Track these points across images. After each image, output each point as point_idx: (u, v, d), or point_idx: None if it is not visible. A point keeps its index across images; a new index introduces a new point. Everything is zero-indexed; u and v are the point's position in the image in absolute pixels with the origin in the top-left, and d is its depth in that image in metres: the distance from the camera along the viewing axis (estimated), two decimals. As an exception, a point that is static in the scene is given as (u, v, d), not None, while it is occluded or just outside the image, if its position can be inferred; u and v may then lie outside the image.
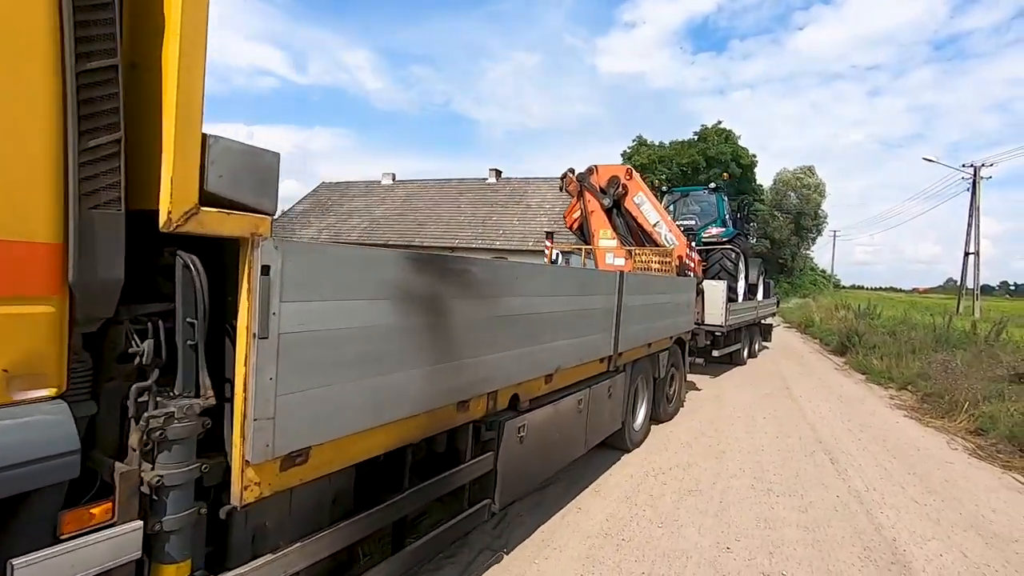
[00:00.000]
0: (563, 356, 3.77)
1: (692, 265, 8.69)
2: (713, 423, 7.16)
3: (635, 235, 9.72)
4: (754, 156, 43.58)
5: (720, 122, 44.44)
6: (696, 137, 44.28)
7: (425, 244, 23.19)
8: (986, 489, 5.21)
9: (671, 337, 6.55)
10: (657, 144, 44.95)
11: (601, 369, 4.64)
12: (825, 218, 53.27)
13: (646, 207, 9.54)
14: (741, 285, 12.07)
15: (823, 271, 60.86)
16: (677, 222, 11.73)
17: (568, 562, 3.53)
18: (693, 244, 8.59)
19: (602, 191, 9.83)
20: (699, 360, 9.15)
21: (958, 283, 32.56)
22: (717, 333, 9.65)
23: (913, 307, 26.24)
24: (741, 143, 43.28)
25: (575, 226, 10.54)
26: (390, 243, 23.03)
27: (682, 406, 7.62)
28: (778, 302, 19.52)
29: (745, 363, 12.27)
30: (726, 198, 13.18)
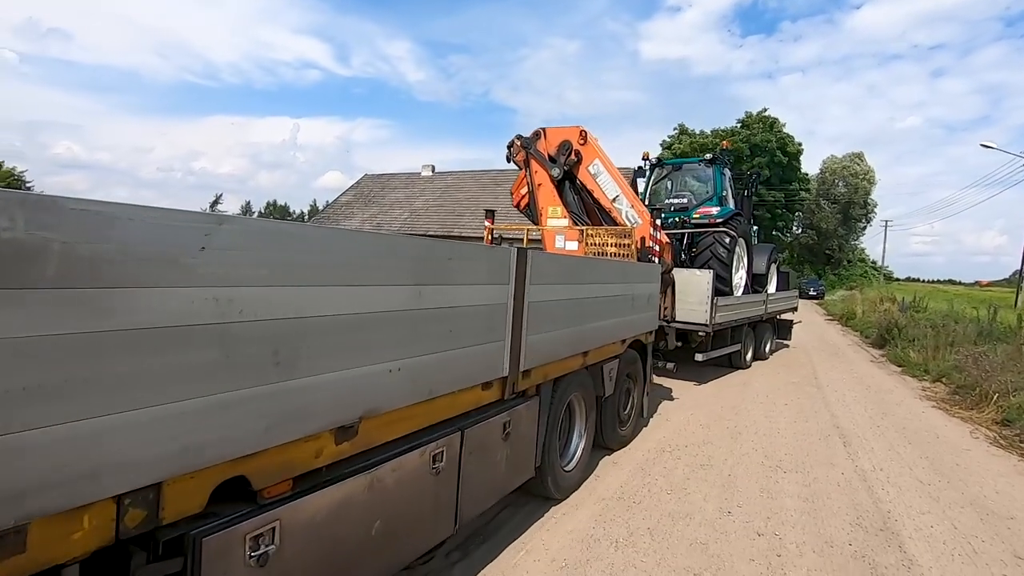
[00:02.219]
0: (381, 391, 2.19)
1: (657, 249, 6.81)
2: (726, 415, 7.47)
3: (591, 213, 7.89)
4: (800, 144, 42.42)
5: (765, 109, 43.41)
6: (739, 125, 43.35)
7: (464, 234, 23.87)
8: (996, 474, 5.39)
9: (624, 341, 5.10)
10: (699, 132, 44.26)
11: (489, 398, 3.09)
12: (875, 207, 51.33)
13: (603, 178, 7.56)
14: (740, 276, 10.49)
15: (874, 263, 58.65)
16: (669, 200, 10.79)
17: (584, 518, 4.02)
18: (657, 223, 6.89)
19: (551, 160, 7.79)
20: (669, 365, 7.33)
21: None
22: (700, 333, 8.29)
23: (968, 300, 25.28)
24: (787, 130, 42.14)
25: (522, 204, 8.57)
26: (430, 233, 23.81)
27: (645, 426, 6.21)
28: (801, 295, 17.32)
29: (748, 366, 10.55)
30: (727, 172, 11.01)
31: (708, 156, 11.14)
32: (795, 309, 14.17)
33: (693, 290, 8.06)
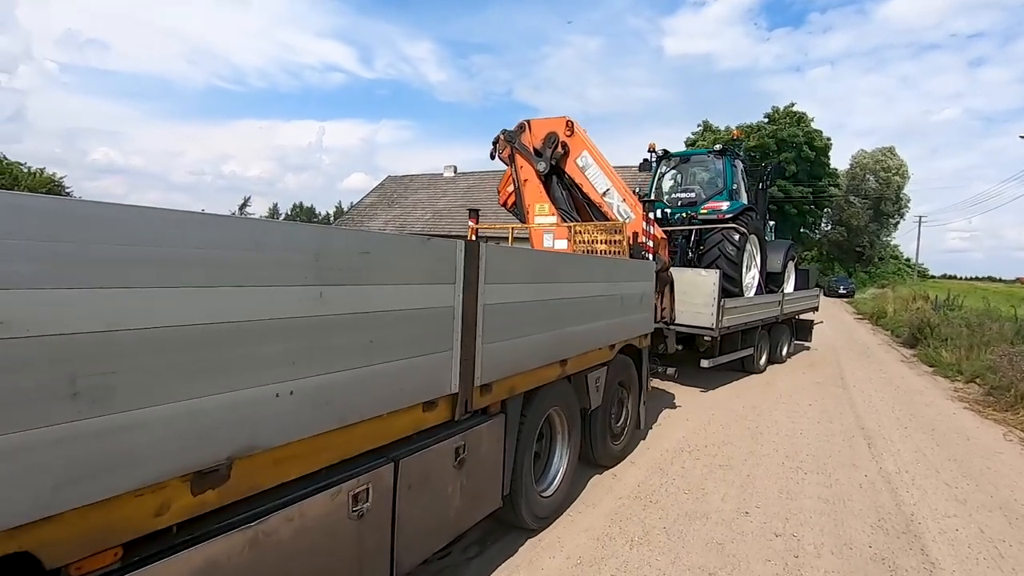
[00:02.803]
0: (265, 421, 1.73)
1: (651, 244, 6.26)
2: (747, 415, 7.40)
3: (581, 209, 7.43)
4: (828, 139, 41.39)
5: (792, 104, 42.50)
6: (766, 120, 42.58)
7: (488, 235, 23.99)
8: (1029, 477, 5.24)
9: (613, 346, 4.58)
10: (724, 129, 43.61)
11: (433, 420, 2.59)
12: (907, 202, 49.84)
13: (592, 171, 7.02)
14: (751, 275, 9.82)
15: (907, 260, 56.93)
16: (676, 195, 10.20)
17: (600, 516, 4.06)
18: (650, 216, 6.38)
19: (536, 153, 7.29)
20: (670, 371, 6.67)
21: (1062, 272, 29.73)
22: (706, 338, 7.84)
23: (1008, 298, 24.40)
24: (815, 125, 41.20)
25: (509, 202, 8.01)
26: (452, 234, 24.01)
27: (643, 439, 5.72)
28: (822, 293, 15.98)
29: (762, 371, 9.90)
30: (739, 163, 10.32)
31: (717, 147, 10.30)
32: (816, 309, 13.38)
33: (698, 291, 7.56)
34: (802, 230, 44.68)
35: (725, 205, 9.36)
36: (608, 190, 6.92)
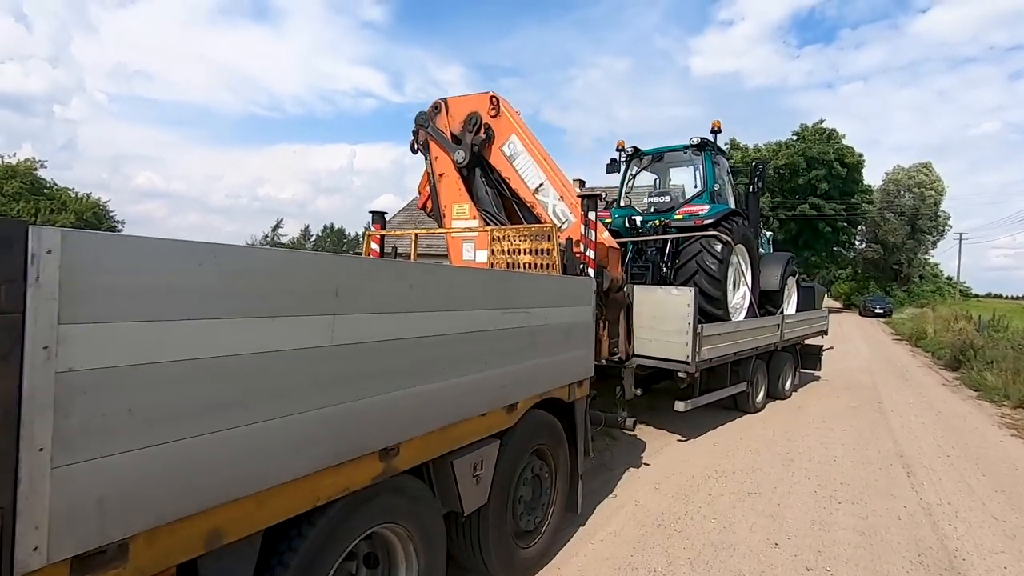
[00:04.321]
0: None
1: (591, 255, 4.49)
2: (777, 440, 7.14)
3: (510, 210, 5.70)
4: (860, 155, 40.44)
5: (822, 120, 41.78)
6: (795, 137, 41.95)
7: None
8: (1085, 512, 4.91)
9: (513, 406, 3.12)
10: (752, 147, 43.12)
11: None
12: (947, 219, 48.19)
13: (523, 161, 5.38)
14: (740, 294, 8.19)
15: (948, 278, 54.85)
16: (650, 199, 8.65)
17: (623, 545, 3.94)
18: (592, 217, 4.53)
19: (455, 140, 5.66)
20: (629, 421, 5.11)
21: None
22: (681, 374, 6.15)
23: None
24: (847, 141, 40.39)
25: (429, 206, 6.23)
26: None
27: (582, 525, 4.17)
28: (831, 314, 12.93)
29: (759, 409, 8.32)
30: (722, 160, 8.77)
31: (696, 140, 8.26)
32: (824, 332, 11.58)
33: (669, 315, 6.04)
34: (835, 248, 43.56)
35: (704, 209, 7.76)
36: (542, 185, 5.29)
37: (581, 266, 4.52)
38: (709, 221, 7.50)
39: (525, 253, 4.75)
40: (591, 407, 4.44)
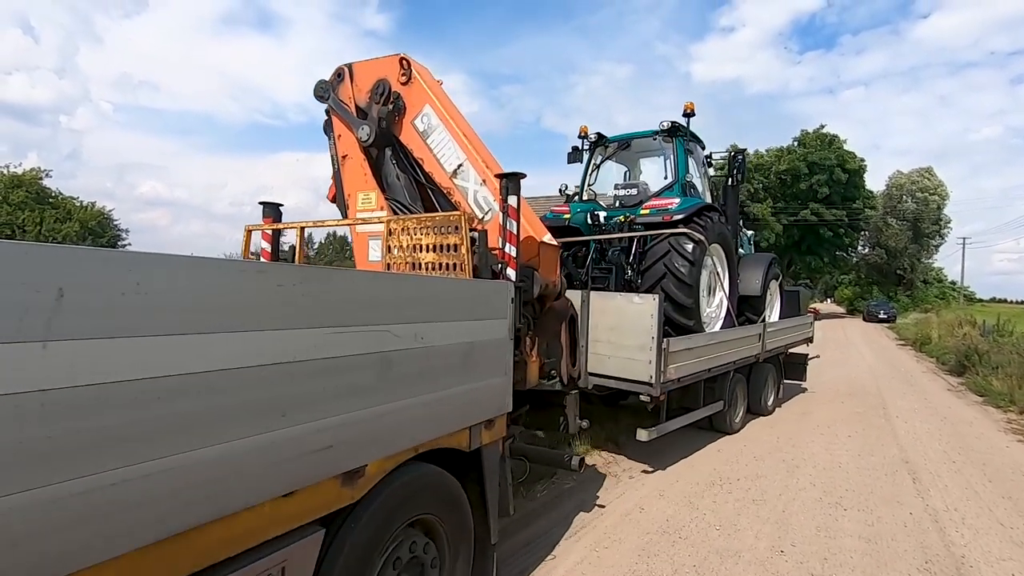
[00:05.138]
0: None
1: (512, 253, 3.56)
2: (782, 446, 7.11)
3: (425, 196, 4.59)
4: (862, 160, 40.50)
5: (823, 126, 41.88)
6: (796, 143, 42.04)
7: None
8: (1093, 518, 4.87)
9: (354, 474, 2.06)
10: (753, 152, 43.21)
11: None
12: (949, 223, 48.12)
13: (438, 137, 4.34)
14: (716, 301, 7.33)
15: (952, 283, 54.69)
16: (616, 192, 7.77)
17: (627, 552, 3.93)
18: (511, 202, 3.53)
19: (360, 115, 4.56)
20: (575, 460, 4.20)
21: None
22: (644, 398, 5.24)
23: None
24: (848, 146, 40.46)
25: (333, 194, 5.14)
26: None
27: None
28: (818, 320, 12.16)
29: (737, 430, 7.38)
30: (698, 148, 7.91)
31: (666, 124, 7.23)
32: (810, 340, 10.72)
33: (630, 327, 5.21)
34: (838, 253, 43.52)
35: (674, 202, 6.79)
36: (461, 167, 4.19)
37: (499, 265, 3.48)
38: (679, 217, 6.57)
39: (428, 250, 3.67)
40: (536, 443, 3.92)
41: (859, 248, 48.06)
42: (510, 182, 3.53)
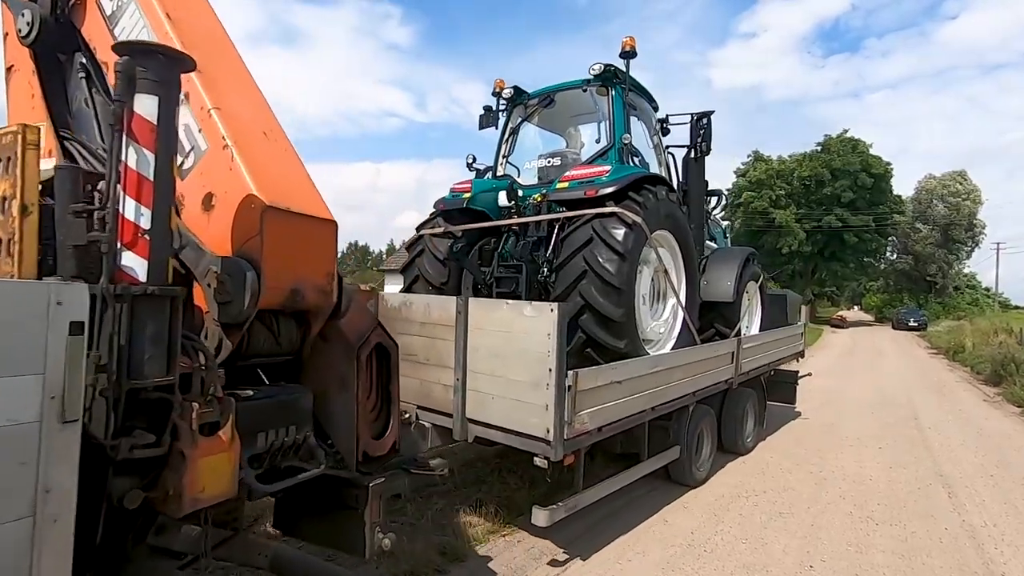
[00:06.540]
0: None
1: (131, 221, 1.71)
2: (809, 458, 6.95)
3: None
4: (888, 164, 39.59)
5: (846, 130, 41.10)
6: (819, 148, 41.32)
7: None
8: None
9: None
10: (776, 158, 42.61)
11: None
12: (983, 228, 46.64)
13: (130, 19, 2.47)
14: (667, 309, 5.40)
15: (987, 289, 52.96)
16: (536, 161, 5.93)
17: (650, 566, 3.87)
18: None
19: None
20: (386, 541, 2.40)
21: None
22: (539, 461, 3.47)
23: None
24: (873, 151, 39.61)
25: None
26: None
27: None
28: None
29: (701, 482, 5.47)
30: (642, 103, 6.02)
31: (598, 68, 5.28)
32: (801, 355, 8.83)
33: (518, 353, 3.54)
34: (865, 259, 42.52)
35: (604, 171, 4.81)
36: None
37: (103, 247, 1.74)
38: (608, 191, 4.59)
39: None
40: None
41: (888, 254, 46.94)
42: (139, 49, 1.78)
